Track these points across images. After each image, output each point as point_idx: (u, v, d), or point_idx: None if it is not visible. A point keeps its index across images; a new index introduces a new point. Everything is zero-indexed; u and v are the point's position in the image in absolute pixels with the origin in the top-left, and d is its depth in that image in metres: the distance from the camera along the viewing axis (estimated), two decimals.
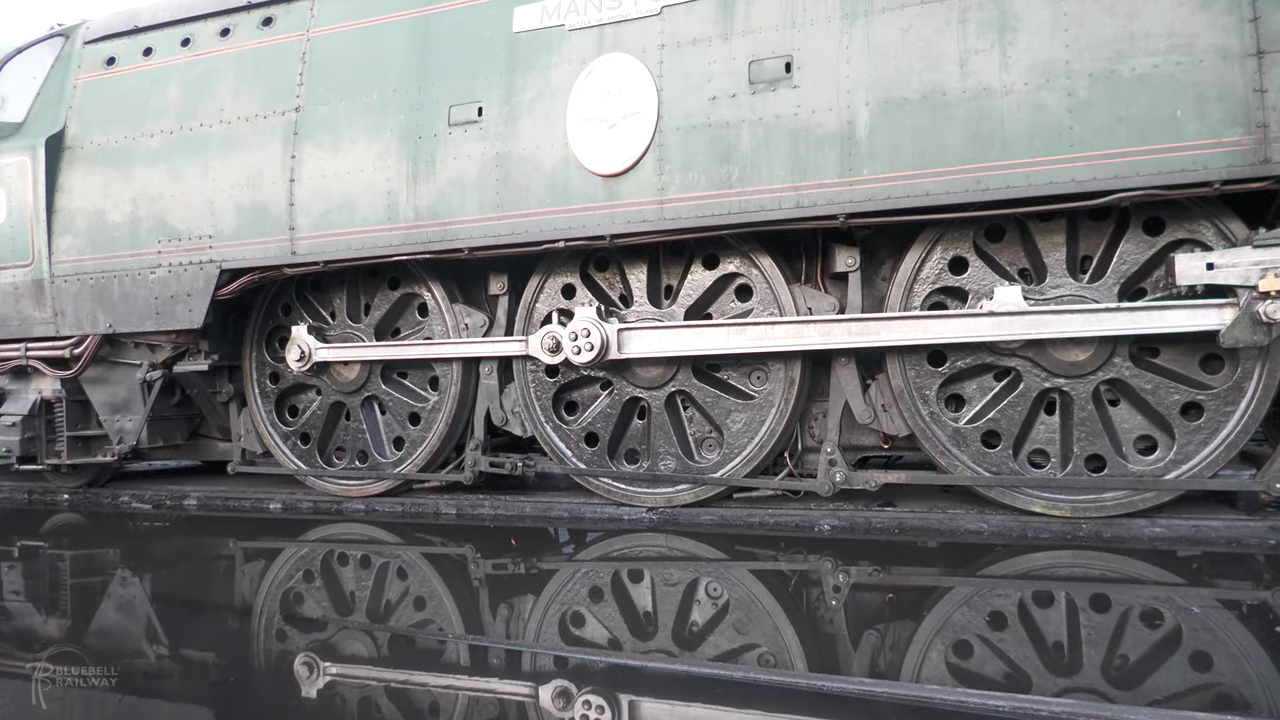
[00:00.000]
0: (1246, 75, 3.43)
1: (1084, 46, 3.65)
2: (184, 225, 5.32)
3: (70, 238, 5.63)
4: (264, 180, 5.12)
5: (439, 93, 4.78)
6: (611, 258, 4.78)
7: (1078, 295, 3.94)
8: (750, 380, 4.59)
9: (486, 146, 4.64)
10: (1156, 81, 3.54)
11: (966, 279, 4.13)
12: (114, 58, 5.76)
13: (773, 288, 4.42)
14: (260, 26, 5.36)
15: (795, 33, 4.12)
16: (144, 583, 3.91)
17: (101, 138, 5.64)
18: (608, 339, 4.51)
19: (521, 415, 4.94)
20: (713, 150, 4.20)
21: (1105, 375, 3.93)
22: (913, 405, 4.19)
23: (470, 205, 4.66)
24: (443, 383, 5.12)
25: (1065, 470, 3.99)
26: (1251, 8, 3.44)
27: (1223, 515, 3.83)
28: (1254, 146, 3.41)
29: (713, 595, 3.24)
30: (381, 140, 4.87)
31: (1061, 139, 3.66)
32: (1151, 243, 3.86)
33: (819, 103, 4.03)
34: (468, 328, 5.01)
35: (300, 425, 5.54)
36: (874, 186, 3.92)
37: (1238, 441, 3.76)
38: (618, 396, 4.76)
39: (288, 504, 5.41)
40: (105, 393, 5.85)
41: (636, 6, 4.43)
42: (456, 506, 4.99)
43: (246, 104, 5.26)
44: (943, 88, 3.84)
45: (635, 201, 4.33)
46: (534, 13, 4.65)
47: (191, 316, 5.25)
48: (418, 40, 4.90)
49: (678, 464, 4.63)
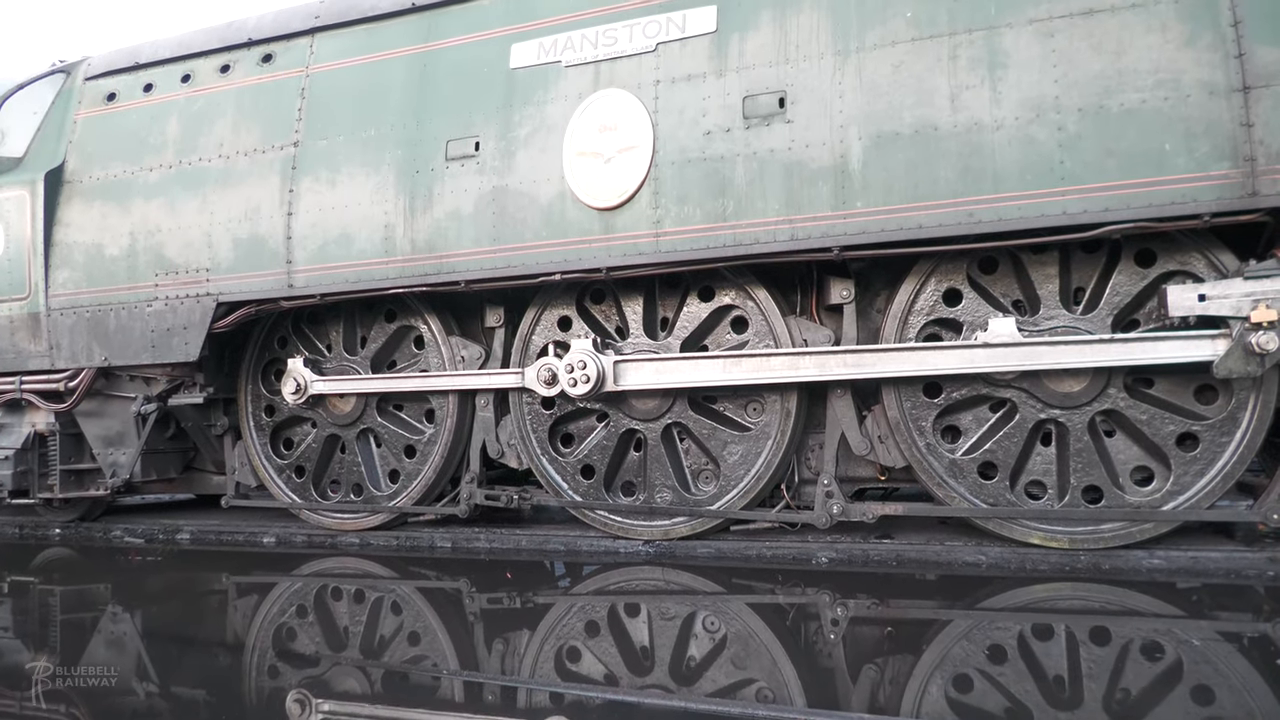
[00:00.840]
0: (1233, 110, 3.48)
1: (1072, 82, 3.71)
2: (181, 259, 5.33)
3: (67, 271, 5.64)
4: (262, 214, 5.15)
5: (437, 128, 4.83)
6: (607, 290, 4.80)
7: (1071, 326, 3.96)
8: (746, 412, 4.59)
9: (483, 180, 4.68)
10: (1144, 116, 3.59)
11: (961, 310, 4.15)
12: (115, 93, 5.81)
13: (768, 320, 4.44)
14: (260, 63, 5.42)
15: (789, 68, 4.18)
16: (135, 618, 3.87)
17: (101, 172, 5.67)
18: (604, 371, 4.51)
19: (517, 447, 4.93)
20: (708, 184, 4.24)
21: (1100, 406, 3.94)
22: (909, 437, 4.19)
23: (467, 238, 4.68)
24: (438, 415, 5.11)
25: (1062, 501, 3.98)
26: (1236, 44, 3.50)
27: (1221, 546, 3.82)
28: (1242, 179, 3.45)
29: (710, 629, 3.21)
30: (379, 174, 4.91)
31: (1052, 172, 3.70)
32: (1143, 274, 3.89)
33: (813, 137, 4.08)
34: (464, 360, 5.01)
35: (295, 458, 5.51)
36: (868, 219, 3.96)
37: (1234, 472, 3.76)
38: (614, 429, 4.75)
39: (282, 538, 5.36)
40: (99, 426, 5.83)
41: (632, 43, 4.49)
42: (452, 540, 4.96)
43: (245, 139, 5.31)
44: (934, 122, 3.89)
45: (631, 234, 4.36)
46: (531, 49, 4.71)
47: (188, 349, 5.25)
48: (416, 76, 4.96)
49: (674, 496, 4.61)
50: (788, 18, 4.23)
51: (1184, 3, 3.59)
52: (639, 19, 4.50)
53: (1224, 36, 3.52)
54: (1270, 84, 3.45)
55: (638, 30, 4.49)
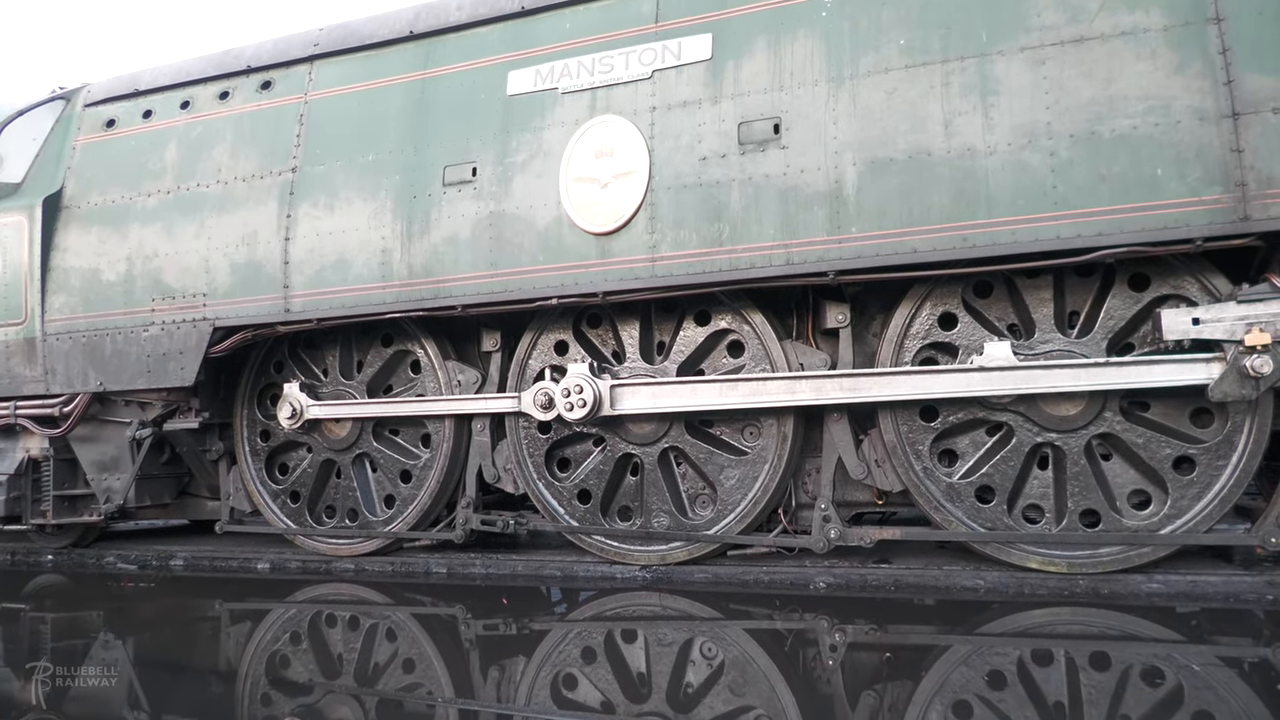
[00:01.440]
0: (1223, 136, 3.52)
1: (1064, 108, 3.75)
2: (178, 283, 5.34)
3: (64, 296, 5.64)
4: (259, 239, 5.17)
5: (434, 153, 4.86)
6: (604, 314, 4.81)
7: (1066, 350, 3.97)
8: (743, 436, 4.58)
9: (480, 205, 4.70)
10: (1136, 142, 3.63)
11: (956, 334, 4.16)
12: (114, 120, 5.85)
13: (764, 344, 4.45)
14: (259, 90, 5.46)
15: (783, 95, 4.22)
16: (127, 646, 3.83)
17: (99, 198, 5.69)
18: (600, 395, 4.51)
19: (514, 472, 4.91)
20: (704, 209, 4.27)
21: (1097, 430, 3.94)
22: (906, 461, 4.18)
23: (464, 263, 4.70)
24: (435, 440, 5.10)
25: (1060, 525, 3.97)
26: (1225, 71, 3.55)
27: (1220, 570, 3.81)
28: (1233, 204, 3.48)
29: (707, 656, 3.19)
30: (377, 199, 4.94)
31: (1045, 197, 3.73)
32: (1137, 298, 3.91)
33: (807, 163, 4.11)
34: (460, 384, 5.01)
35: (290, 483, 5.49)
36: (863, 244, 3.98)
37: (1231, 495, 3.76)
38: (610, 453, 4.74)
39: (276, 564, 5.33)
40: (94, 451, 5.80)
41: (628, 70, 4.54)
42: (447, 565, 4.93)
43: (244, 164, 5.34)
44: (928, 148, 3.93)
45: (627, 259, 4.38)
46: (528, 76, 4.76)
47: (183, 374, 5.24)
48: (414, 102, 5.00)
49: (671, 521, 4.59)
50: (782, 45, 4.27)
51: (1172, 31, 3.64)
52: (635, 47, 4.55)
53: (1212, 64, 3.57)
54: (1259, 110, 3.49)
55: (634, 58, 4.54)
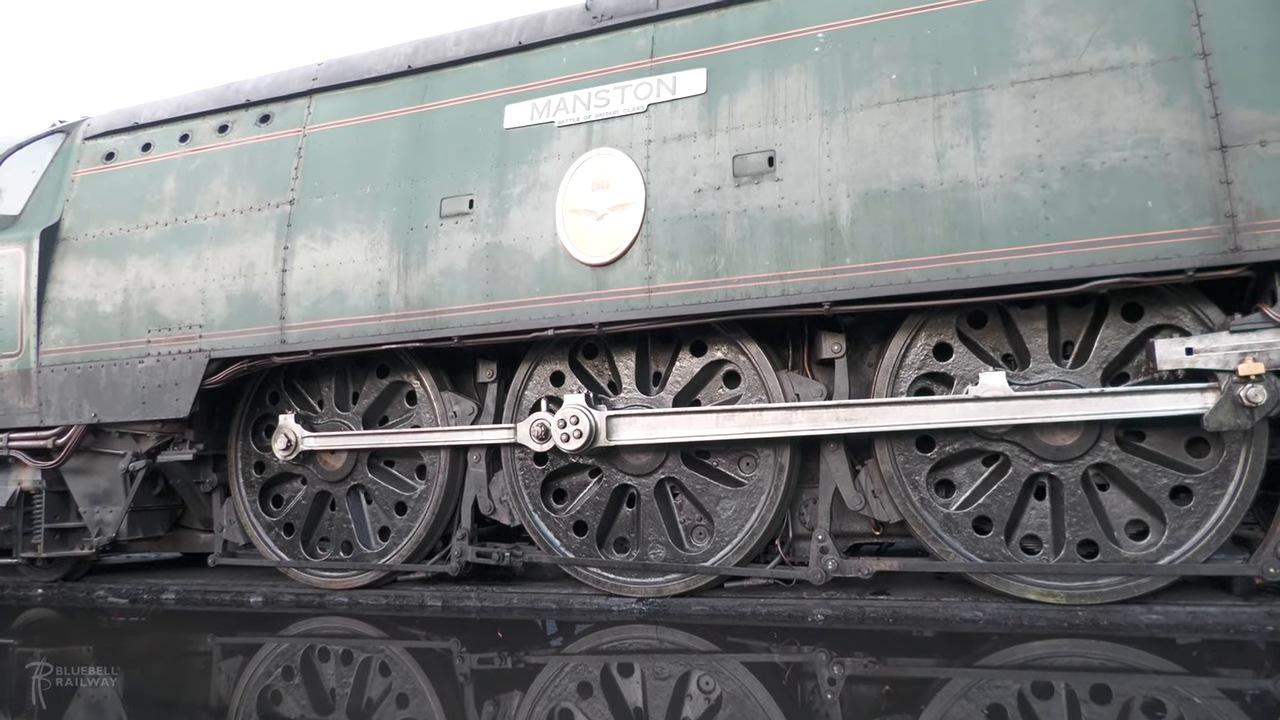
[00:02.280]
0: (1212, 168, 3.56)
1: (1055, 141, 3.80)
2: (174, 315, 5.34)
3: (60, 328, 5.64)
4: (256, 271, 5.18)
5: (431, 186, 4.90)
6: (600, 345, 4.82)
7: (1061, 380, 3.98)
8: (740, 467, 4.57)
9: (477, 237, 4.73)
10: (1126, 174, 3.67)
11: (951, 364, 4.17)
12: (113, 153, 5.89)
13: (760, 374, 4.45)
14: (258, 123, 5.51)
15: (777, 128, 4.27)
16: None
17: (97, 230, 5.71)
18: (596, 426, 4.50)
19: (509, 504, 4.89)
20: (699, 240, 4.30)
21: (1093, 460, 3.94)
22: (903, 491, 4.17)
23: (460, 294, 4.71)
24: (430, 471, 5.08)
25: (1058, 556, 3.96)
26: (1213, 105, 3.60)
27: (1219, 601, 3.79)
28: (1223, 235, 3.52)
29: (705, 690, 3.16)
30: (374, 231, 4.96)
31: (1037, 229, 3.76)
32: (1131, 328, 3.93)
33: (802, 195, 4.15)
34: (456, 415, 5.00)
35: (284, 516, 5.45)
36: (857, 275, 4.00)
37: (1229, 525, 3.75)
38: (606, 484, 4.72)
39: (269, 597, 5.27)
40: (86, 483, 5.76)
41: (623, 104, 4.59)
42: (442, 598, 4.88)
43: (242, 197, 5.37)
44: (921, 180, 3.96)
45: (623, 290, 4.40)
46: (524, 110, 4.81)
47: (178, 405, 5.23)
48: (411, 135, 5.04)
49: (668, 553, 4.57)
50: (775, 79, 4.33)
51: (1160, 65, 3.70)
52: (630, 81, 4.61)
53: (1200, 98, 3.62)
54: (1247, 143, 3.53)
55: (629, 92, 4.60)
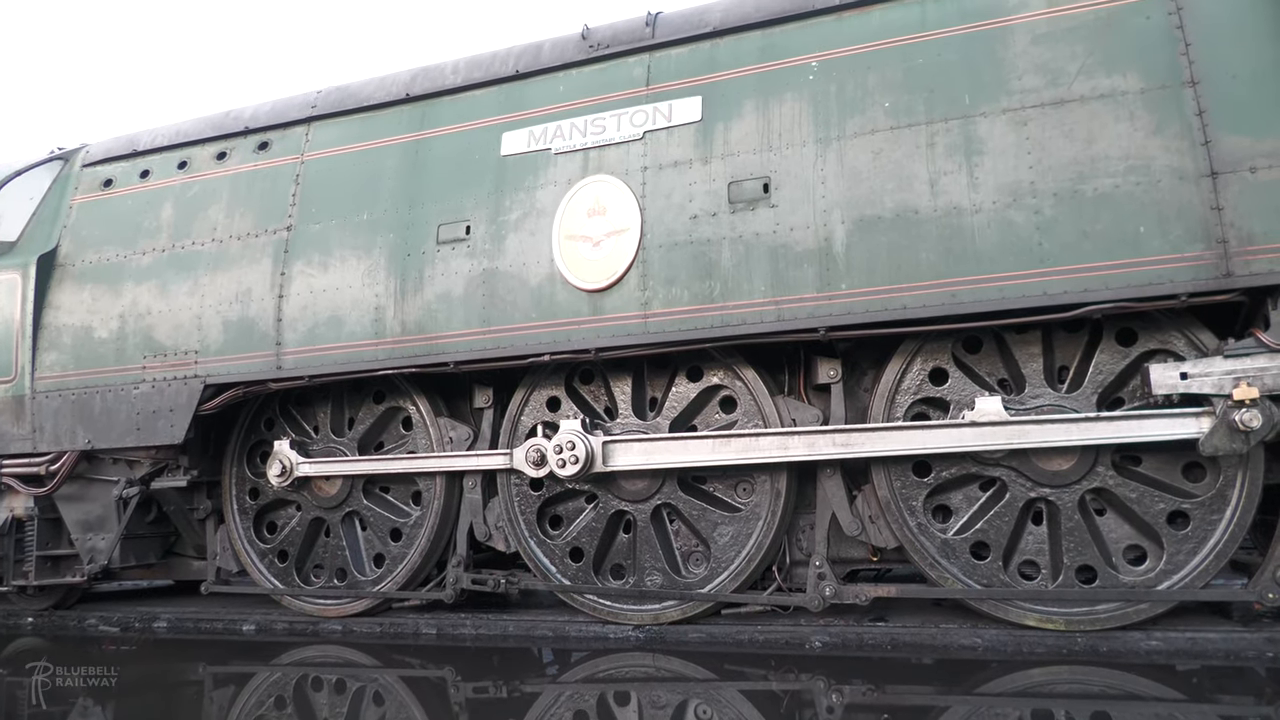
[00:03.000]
0: (1203, 194, 3.59)
1: (1047, 168, 3.83)
2: (170, 341, 5.34)
3: (55, 354, 5.63)
4: (253, 296, 5.19)
5: (428, 212, 4.92)
6: (596, 371, 4.82)
7: (1057, 405, 3.98)
8: (736, 492, 4.56)
9: (474, 263, 4.74)
10: (1118, 200, 3.70)
11: (947, 389, 4.18)
12: (111, 179, 5.92)
13: (756, 399, 4.45)
14: (256, 150, 5.55)
15: (772, 155, 4.31)
16: (106, 712, 3.73)
17: (94, 256, 5.72)
18: (593, 452, 4.49)
19: (505, 530, 4.86)
20: (695, 266, 4.31)
21: (1090, 484, 3.94)
22: (900, 516, 4.16)
23: (457, 320, 4.72)
24: (425, 497, 5.05)
25: (1056, 582, 3.94)
26: (1202, 132, 3.64)
27: (1219, 627, 3.77)
28: (1215, 260, 3.54)
29: (702, 719, 3.12)
30: (371, 257, 4.98)
31: (1031, 254, 3.78)
32: (1125, 353, 3.94)
33: (797, 221, 4.17)
34: (452, 441, 4.98)
35: (278, 542, 5.41)
36: (852, 301, 4.02)
37: (1226, 550, 3.74)
38: (603, 510, 4.70)
39: (262, 625, 5.22)
40: (79, 510, 5.72)
41: (620, 132, 4.63)
42: (437, 626, 4.84)
43: (239, 223, 5.38)
44: (915, 207, 3.99)
45: (620, 316, 4.41)
46: (521, 137, 4.84)
47: (173, 431, 5.21)
48: (409, 162, 5.07)
49: (664, 579, 4.54)
50: (770, 107, 4.37)
51: (1150, 94, 3.75)
52: (627, 109, 4.65)
53: (1190, 125, 3.66)
54: (1237, 170, 3.57)
55: (625, 119, 4.64)
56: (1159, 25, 3.82)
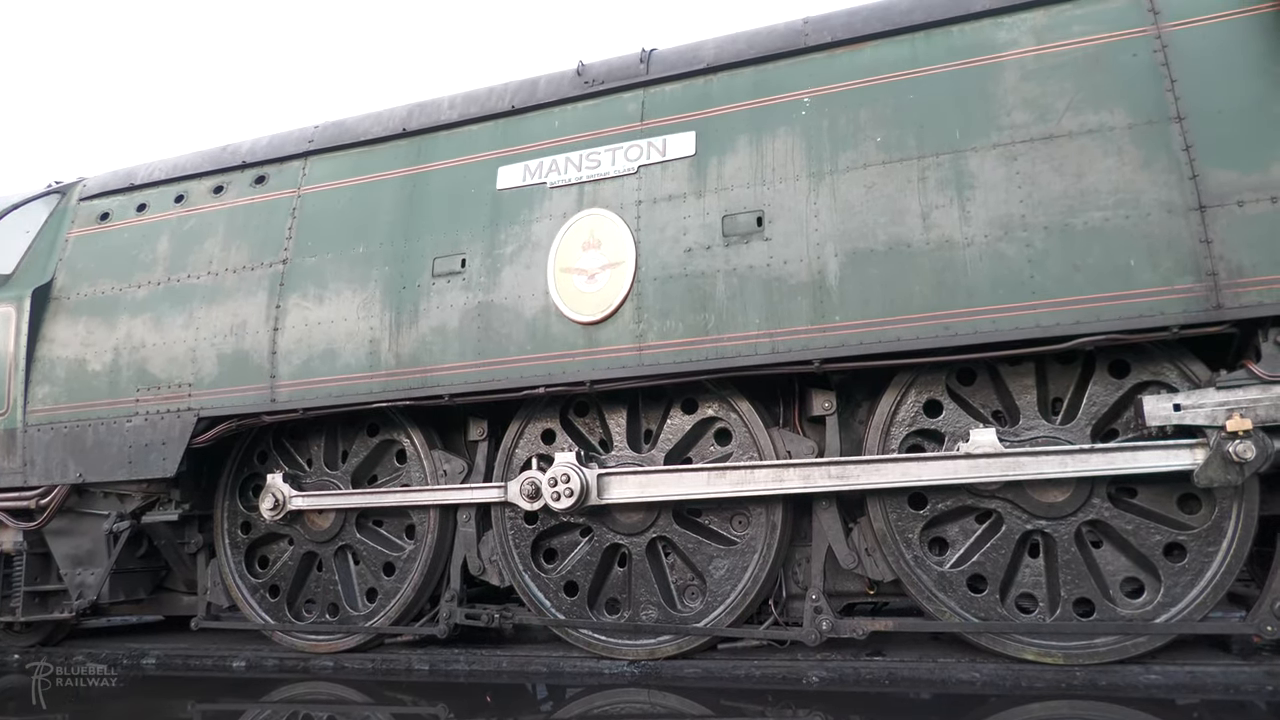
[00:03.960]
0: (1192, 227, 3.63)
1: (1037, 202, 3.87)
2: (164, 373, 5.33)
3: (48, 386, 5.61)
4: (247, 329, 5.19)
5: (424, 245, 4.95)
6: (591, 403, 4.81)
7: (1051, 437, 3.99)
8: (732, 525, 4.54)
9: (469, 296, 4.76)
10: (1108, 233, 3.74)
11: (942, 422, 4.18)
12: (108, 213, 5.94)
13: (751, 432, 4.45)
14: (253, 184, 5.58)
15: (765, 189, 4.35)
16: None
17: (89, 289, 5.73)
18: (588, 484, 4.47)
19: (499, 564, 4.83)
20: (689, 299, 4.33)
21: (1086, 516, 3.93)
22: (896, 549, 4.14)
23: (452, 352, 4.72)
24: (419, 530, 5.02)
25: (1054, 615, 3.92)
26: (1190, 167, 3.69)
27: (1218, 660, 3.74)
28: (1206, 293, 3.57)
29: None
30: (366, 290, 4.99)
31: (1023, 287, 3.81)
32: (1119, 385, 3.95)
33: (790, 254, 4.20)
34: (446, 474, 4.96)
35: (270, 577, 5.36)
36: (846, 333, 4.04)
37: (1224, 582, 3.73)
38: (598, 543, 4.67)
39: (252, 662, 5.15)
40: (68, 544, 5.67)
41: (614, 166, 4.67)
42: (430, 662, 4.78)
43: (235, 256, 5.40)
44: (907, 240, 4.03)
45: (615, 348, 4.42)
46: (517, 171, 4.89)
47: (165, 465, 5.17)
48: (405, 196, 5.11)
49: (660, 613, 4.50)
50: (763, 142, 4.43)
51: (1137, 129, 3.80)
52: (621, 143, 4.70)
53: (1177, 160, 3.71)
54: (1224, 203, 3.61)
55: (620, 154, 4.68)
56: (1145, 62, 3.89)
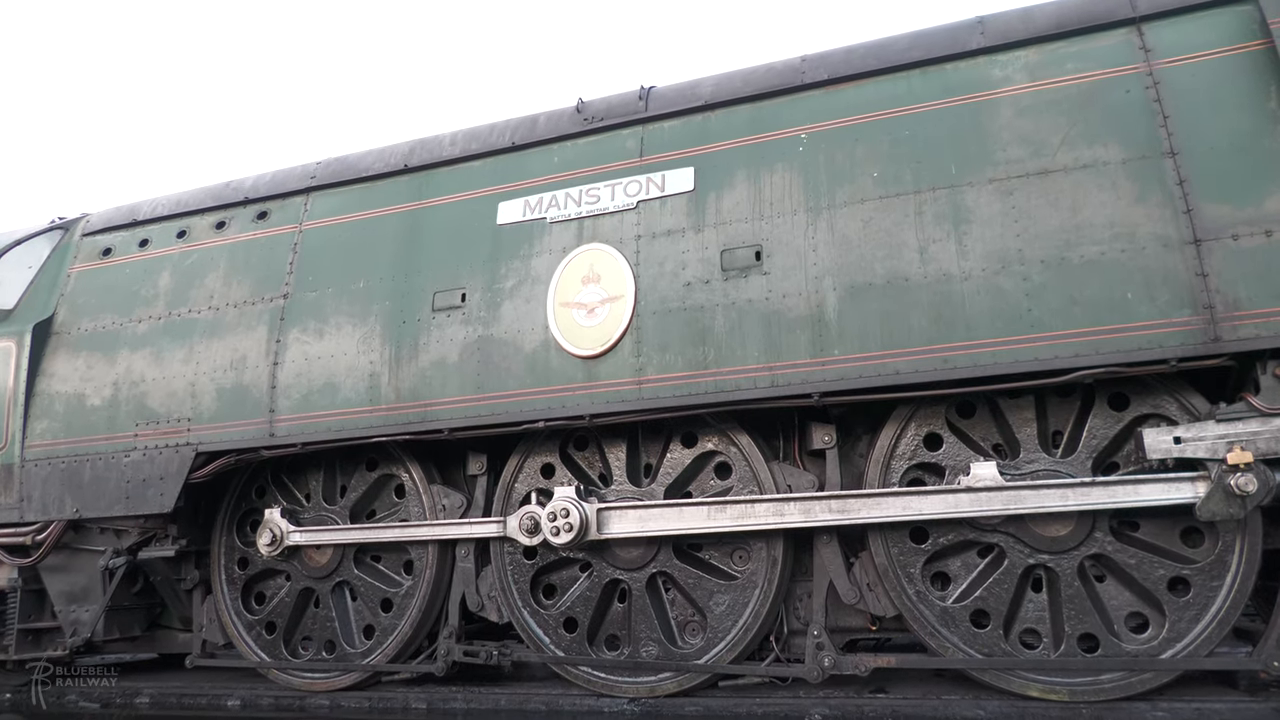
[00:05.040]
0: (1187, 261, 3.66)
1: (1033, 236, 3.90)
2: (163, 408, 5.32)
3: (46, 421, 5.60)
4: (247, 364, 5.20)
5: (424, 280, 4.97)
6: (591, 437, 4.80)
7: (1052, 470, 3.98)
8: (732, 560, 4.50)
9: (469, 330, 4.77)
10: (1105, 267, 3.76)
11: (942, 455, 4.17)
12: (110, 248, 5.97)
13: (751, 465, 4.44)
14: (255, 219, 5.62)
15: (763, 224, 4.38)
16: None
17: (90, 324, 5.74)
18: (587, 519, 4.45)
19: (498, 600, 4.78)
20: (689, 332, 4.34)
21: (1088, 550, 3.91)
22: (898, 584, 4.11)
23: (451, 386, 4.72)
24: (417, 566, 4.98)
25: (1058, 650, 3.87)
26: (1184, 201, 3.72)
27: (1225, 697, 3.70)
28: (1203, 326, 3.58)
29: None
30: (366, 324, 5.00)
31: (1021, 320, 3.82)
32: (1118, 418, 3.95)
33: (789, 288, 4.22)
34: (445, 509, 4.93)
35: (266, 614, 5.31)
36: (845, 366, 4.04)
37: (1229, 617, 3.69)
38: (597, 579, 4.63)
39: (247, 701, 5.08)
40: (64, 581, 5.62)
41: (614, 201, 4.71)
42: (427, 700, 4.71)
43: (236, 291, 5.42)
44: (905, 274, 4.05)
45: (614, 382, 4.42)
46: (517, 207, 4.92)
47: (162, 500, 5.15)
48: (406, 231, 5.14)
49: (660, 650, 4.45)
50: (761, 177, 4.47)
51: (1131, 164, 3.84)
52: (620, 179, 4.74)
53: (1171, 194, 3.74)
54: (1219, 237, 3.64)
55: (619, 189, 4.72)
56: (1137, 99, 3.94)
